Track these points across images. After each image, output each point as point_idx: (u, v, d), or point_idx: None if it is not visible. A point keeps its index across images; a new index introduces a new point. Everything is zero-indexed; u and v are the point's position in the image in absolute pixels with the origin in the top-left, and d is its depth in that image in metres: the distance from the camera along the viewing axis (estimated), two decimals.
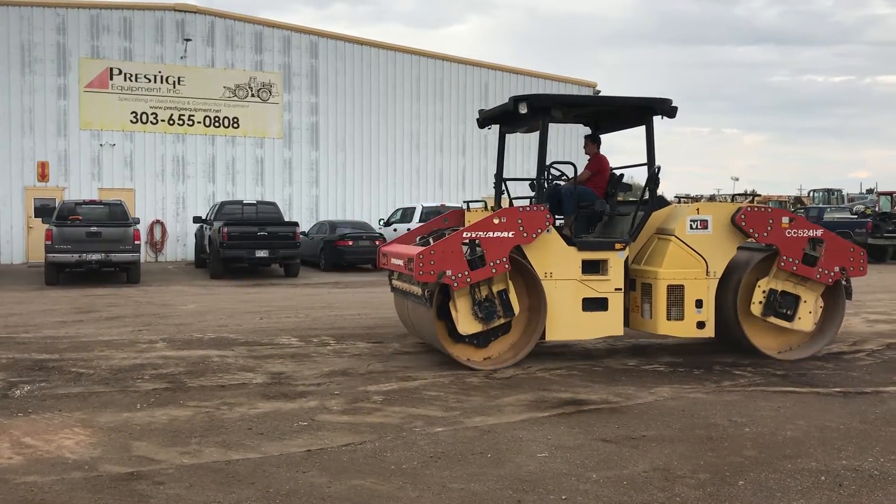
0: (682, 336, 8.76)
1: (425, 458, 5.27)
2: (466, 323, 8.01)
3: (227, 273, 19.94)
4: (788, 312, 8.59)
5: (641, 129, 9.19)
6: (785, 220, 8.59)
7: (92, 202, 19.62)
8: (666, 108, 8.88)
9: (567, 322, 8.36)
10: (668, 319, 8.41)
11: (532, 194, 9.18)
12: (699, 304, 8.46)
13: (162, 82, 25.92)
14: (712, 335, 8.66)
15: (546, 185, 8.95)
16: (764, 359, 8.60)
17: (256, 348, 9.35)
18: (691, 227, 8.53)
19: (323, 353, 9.08)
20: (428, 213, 23.36)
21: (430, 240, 8.93)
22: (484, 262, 7.91)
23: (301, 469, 5.05)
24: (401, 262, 8.39)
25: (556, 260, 8.35)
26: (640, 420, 6.25)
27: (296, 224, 20.50)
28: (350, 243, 21.98)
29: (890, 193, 34.16)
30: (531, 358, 8.66)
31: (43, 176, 24.77)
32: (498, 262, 7.94)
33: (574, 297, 8.36)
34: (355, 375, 7.83)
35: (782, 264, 8.50)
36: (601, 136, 9.93)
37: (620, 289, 8.50)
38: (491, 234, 7.98)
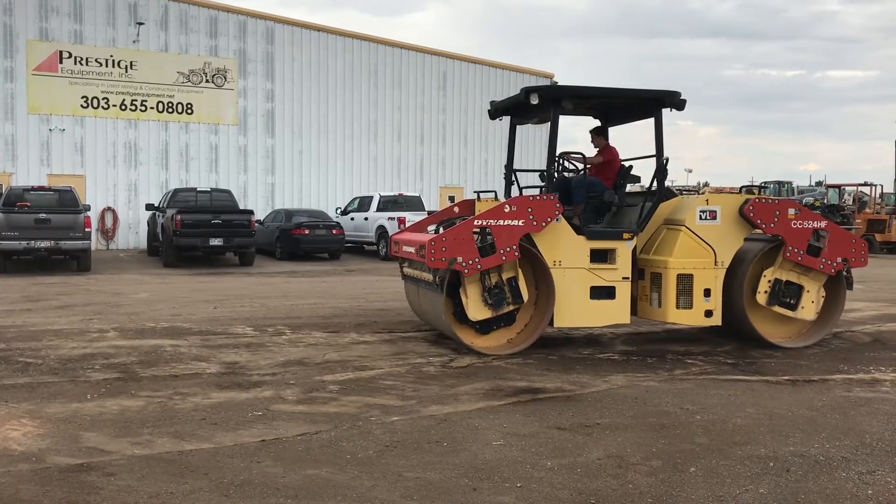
0: (690, 324, 8.98)
1: (381, 447, 5.26)
2: (476, 309, 8.16)
3: (180, 261, 19.67)
4: (792, 302, 8.81)
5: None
6: (791, 211, 8.80)
7: (41, 188, 19.16)
8: (675, 100, 9.00)
9: (575, 309, 8.52)
10: (677, 308, 8.59)
11: (541, 185, 9.29)
12: (707, 293, 8.64)
13: (114, 66, 25.40)
14: (719, 323, 8.83)
15: (556, 175, 9.02)
16: (768, 347, 8.78)
17: (210, 338, 9.24)
18: (701, 218, 8.71)
19: (278, 342, 9.01)
20: (385, 202, 23.33)
21: (441, 228, 9.10)
22: (494, 249, 8.04)
23: (255, 459, 5.01)
24: (412, 250, 8.54)
25: (565, 248, 8.48)
26: (594, 408, 6.32)
27: (251, 212, 20.28)
28: (306, 232, 21.82)
29: (838, 186, 34.94)
30: None
31: None
32: (508, 249, 8.08)
33: (582, 286, 8.51)
34: (311, 365, 7.79)
35: (788, 254, 8.71)
36: (609, 128, 10.06)
37: (628, 277, 8.65)
38: (501, 221, 8.11)
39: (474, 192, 10.08)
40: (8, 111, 24.31)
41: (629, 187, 9.79)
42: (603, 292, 8.59)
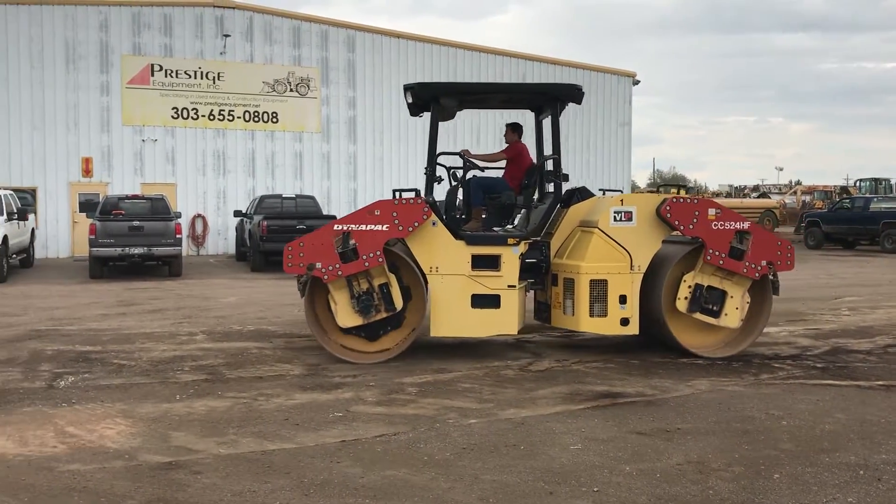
0: (605, 334, 8.51)
1: (458, 450, 5.29)
2: (345, 316, 7.91)
3: (267, 266, 20.12)
4: (714, 308, 8.23)
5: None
6: (711, 212, 8.22)
7: (134, 197, 19.94)
8: (572, 94, 8.58)
9: (454, 318, 8.11)
10: (590, 316, 8.10)
11: (454, 183, 9.05)
12: (623, 299, 8.12)
13: (202, 78, 26.23)
14: (636, 332, 8.30)
15: (435, 175, 8.66)
16: (689, 357, 8.25)
17: (294, 340, 9.45)
18: (615, 219, 8.19)
19: None
20: None
21: None
22: (357, 255, 7.80)
23: (335, 459, 5.11)
24: None
25: (442, 254, 8.09)
26: (676, 413, 6.20)
27: (334, 217, 20.63)
28: None
29: None
30: (567, 351, 8.65)
31: (87, 171, 25.24)
32: (371, 255, 7.80)
33: (462, 294, 8.07)
34: (390, 367, 7.88)
35: (708, 258, 8.13)
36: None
37: (514, 286, 8.15)
38: (364, 226, 7.86)
39: (393, 190, 9.56)
40: (104, 123, 25.39)
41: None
42: (486, 300, 8.08)
